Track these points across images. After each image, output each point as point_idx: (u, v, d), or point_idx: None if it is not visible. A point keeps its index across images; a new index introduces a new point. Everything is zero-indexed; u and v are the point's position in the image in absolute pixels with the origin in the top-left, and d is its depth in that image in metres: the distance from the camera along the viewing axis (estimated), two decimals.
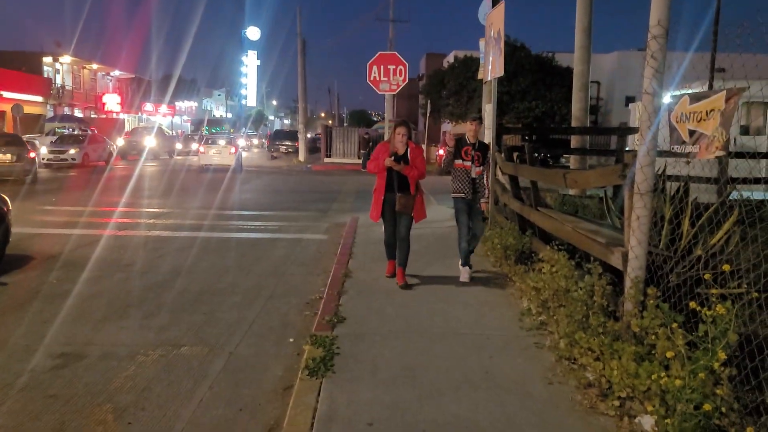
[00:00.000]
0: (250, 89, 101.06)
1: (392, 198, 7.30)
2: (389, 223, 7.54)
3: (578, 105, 15.06)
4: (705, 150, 4.26)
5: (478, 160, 7.66)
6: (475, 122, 7.74)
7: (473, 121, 7.74)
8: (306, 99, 41.17)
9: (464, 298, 6.88)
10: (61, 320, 6.29)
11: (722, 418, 3.24)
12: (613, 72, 42.42)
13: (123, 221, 12.80)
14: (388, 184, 7.31)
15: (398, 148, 7.26)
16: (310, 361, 4.94)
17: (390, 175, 7.28)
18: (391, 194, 7.31)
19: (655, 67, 4.42)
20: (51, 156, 27.71)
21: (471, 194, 7.67)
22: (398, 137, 7.23)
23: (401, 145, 7.25)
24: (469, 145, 7.68)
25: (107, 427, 4.14)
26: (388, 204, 7.39)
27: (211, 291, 7.47)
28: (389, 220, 7.52)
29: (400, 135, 7.22)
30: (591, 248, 5.64)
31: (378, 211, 7.43)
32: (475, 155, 7.65)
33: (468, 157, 7.65)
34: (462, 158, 7.69)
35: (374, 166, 7.36)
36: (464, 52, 37.36)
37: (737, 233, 4.98)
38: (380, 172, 7.36)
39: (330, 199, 17.74)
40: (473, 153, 7.64)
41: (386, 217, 7.49)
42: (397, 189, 7.25)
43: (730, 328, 3.38)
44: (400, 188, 7.26)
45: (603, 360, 4.39)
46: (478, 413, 4.16)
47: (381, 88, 12.26)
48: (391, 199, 7.34)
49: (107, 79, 60.31)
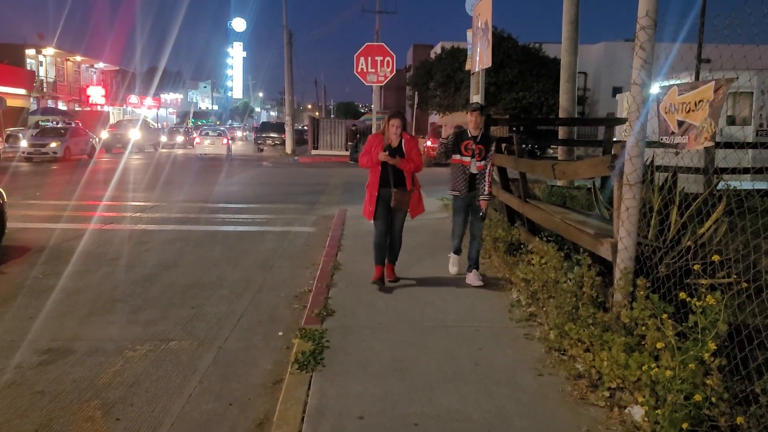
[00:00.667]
0: (236, 81, 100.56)
1: (387, 194, 6.84)
2: (382, 221, 6.97)
3: (566, 96, 15.06)
4: (694, 140, 4.27)
5: (479, 154, 7.00)
6: (476, 113, 7.00)
7: (473, 112, 7.02)
8: (292, 91, 41.09)
9: (454, 290, 6.88)
10: (47, 315, 6.23)
11: (712, 408, 3.25)
12: (600, 63, 42.54)
13: (109, 215, 12.69)
14: (383, 178, 6.84)
15: (392, 140, 6.81)
16: (300, 355, 4.92)
17: (384, 170, 6.83)
18: (386, 190, 6.83)
19: (643, 57, 4.42)
20: (32, 149, 27.34)
21: (467, 191, 7.09)
22: (392, 129, 6.77)
23: (396, 138, 6.81)
24: (470, 138, 7.02)
25: (95, 423, 4.10)
26: (382, 200, 6.88)
27: (199, 285, 7.43)
28: (382, 218, 6.96)
29: (395, 127, 6.76)
30: (580, 239, 5.65)
31: (372, 208, 6.91)
32: (477, 149, 6.98)
33: (468, 153, 7.01)
34: (461, 153, 7.05)
35: (367, 161, 6.90)
36: (451, 43, 37.36)
37: (725, 223, 5.00)
38: (374, 167, 6.91)
39: (317, 192, 17.68)
40: (474, 147, 6.99)
41: (379, 214, 6.93)
42: (393, 184, 6.80)
43: (719, 318, 3.39)
44: (396, 183, 6.81)
45: (593, 351, 4.40)
46: (468, 405, 4.16)
47: (368, 79, 12.21)
48: (386, 195, 6.86)
49: (91, 72, 59.72)
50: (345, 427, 3.87)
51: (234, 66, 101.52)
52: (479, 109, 7.07)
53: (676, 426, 3.21)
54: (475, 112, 7.01)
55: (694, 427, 3.23)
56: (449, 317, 5.97)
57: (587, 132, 35.64)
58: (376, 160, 6.79)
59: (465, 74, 25.02)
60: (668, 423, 3.24)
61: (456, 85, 34.30)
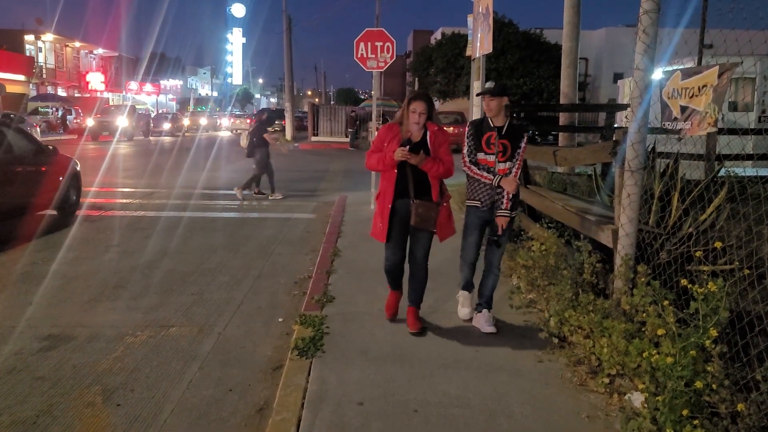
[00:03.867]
0: (235, 67, 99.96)
1: (405, 207, 4.98)
2: (396, 243, 5.15)
3: (567, 82, 15.00)
4: (697, 126, 4.24)
5: (503, 153, 5.07)
6: (495, 99, 5.03)
7: (492, 98, 5.03)
8: (292, 77, 40.89)
9: (455, 276, 6.87)
10: (48, 301, 6.22)
11: (713, 395, 3.25)
12: (601, 48, 42.38)
13: (107, 201, 12.67)
14: (399, 185, 4.99)
15: (414, 132, 4.96)
16: (300, 341, 4.92)
17: (402, 174, 4.96)
18: (404, 201, 4.98)
19: (646, 42, 4.38)
20: None
21: (490, 203, 5.15)
22: (414, 117, 4.88)
23: (418, 129, 4.94)
24: (493, 129, 5.11)
25: (96, 408, 4.10)
26: (398, 216, 5.03)
27: (200, 271, 7.42)
28: (397, 240, 5.13)
29: (417, 114, 4.87)
30: (581, 226, 5.64)
31: (385, 226, 5.04)
32: (500, 145, 5.06)
33: (491, 149, 5.09)
34: (484, 151, 5.13)
35: (377, 161, 5.04)
36: (452, 28, 37.25)
37: (727, 210, 4.99)
38: (387, 170, 5.02)
39: (318, 178, 17.65)
40: (497, 142, 5.07)
41: (394, 235, 5.10)
42: (414, 194, 4.96)
43: (721, 305, 3.37)
44: (418, 192, 4.96)
45: (593, 338, 4.40)
46: (469, 391, 4.16)
47: (368, 65, 12.11)
48: (403, 210, 5.00)
49: (90, 58, 59.48)
50: (345, 413, 3.87)
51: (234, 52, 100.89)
52: (501, 90, 5.09)
53: (676, 412, 3.20)
54: (495, 98, 5.04)
55: (694, 413, 3.22)
56: (449, 303, 5.96)
57: (588, 118, 35.58)
58: (390, 160, 4.90)
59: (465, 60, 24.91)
60: (668, 409, 3.23)
61: (456, 71, 34.24)
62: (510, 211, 5.10)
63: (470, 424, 3.75)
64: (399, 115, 5.08)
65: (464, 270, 5.51)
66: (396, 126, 5.04)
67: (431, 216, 4.92)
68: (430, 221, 4.93)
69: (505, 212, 5.08)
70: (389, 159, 4.90)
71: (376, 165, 5.05)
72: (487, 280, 5.40)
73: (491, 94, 5.02)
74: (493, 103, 5.03)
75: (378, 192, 5.19)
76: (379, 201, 5.15)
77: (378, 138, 5.12)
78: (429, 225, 4.94)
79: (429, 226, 4.94)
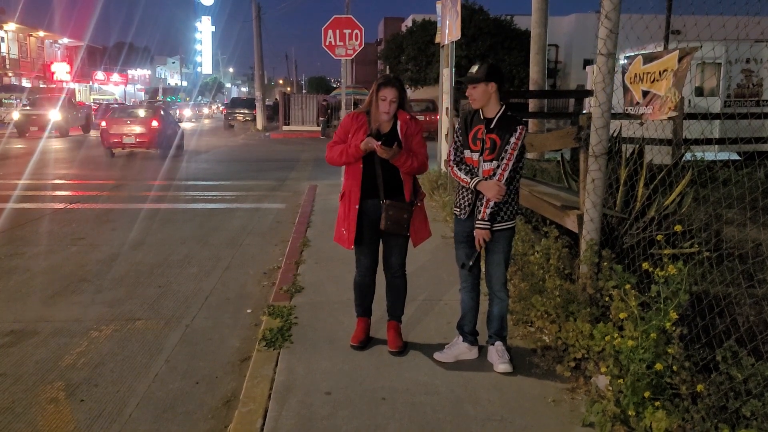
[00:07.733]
0: (205, 56, 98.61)
1: (375, 209, 4.38)
2: (367, 252, 4.55)
3: (536, 68, 15.08)
4: (658, 111, 4.28)
5: (489, 150, 4.12)
6: (479, 85, 4.10)
7: (475, 86, 4.11)
8: (263, 66, 40.48)
9: (421, 263, 6.86)
10: (10, 297, 6.10)
11: (674, 377, 3.29)
12: (571, 34, 42.53)
13: (72, 194, 12.46)
14: (366, 183, 4.37)
15: (383, 122, 4.34)
16: (268, 332, 4.88)
17: (370, 169, 4.35)
18: (373, 202, 4.38)
19: (609, 27, 4.39)
20: None
21: (469, 211, 4.25)
22: (384, 105, 4.25)
23: (388, 118, 4.32)
24: (481, 122, 4.21)
25: (59, 404, 4.04)
26: (367, 219, 4.42)
27: (167, 263, 7.33)
28: (368, 248, 4.54)
29: (387, 102, 4.24)
30: (547, 211, 5.67)
31: (352, 231, 4.41)
32: (488, 140, 4.13)
33: (477, 146, 4.20)
34: (470, 147, 4.25)
35: (340, 154, 4.38)
36: (422, 15, 37.14)
37: (690, 194, 5.05)
38: (352, 165, 4.41)
39: (288, 168, 17.54)
40: (485, 136, 4.15)
41: (363, 240, 4.49)
42: (384, 193, 4.37)
43: (681, 288, 3.42)
44: (389, 191, 4.36)
45: (559, 322, 4.43)
46: (436, 378, 4.17)
47: (337, 53, 12.03)
48: (372, 211, 4.39)
49: (56, 47, 58.22)
50: (312, 402, 3.85)
51: (203, 41, 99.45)
52: (484, 77, 4.09)
53: (639, 394, 3.25)
54: (479, 84, 4.10)
55: (656, 395, 3.27)
56: (417, 291, 5.92)
57: (559, 104, 35.80)
58: (356, 150, 4.28)
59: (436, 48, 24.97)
60: (630, 392, 3.27)
61: (428, 58, 34.18)
62: (488, 221, 4.13)
63: (438, 411, 3.76)
64: (366, 103, 4.40)
65: (463, 300, 4.55)
66: (362, 115, 4.39)
67: (404, 218, 4.34)
68: (403, 224, 4.35)
69: (482, 223, 4.12)
70: (354, 149, 4.28)
71: (338, 158, 4.38)
72: (491, 308, 4.42)
73: (469, 82, 4.13)
74: (476, 92, 4.12)
75: (342, 191, 4.55)
76: (343, 202, 4.50)
77: (341, 128, 4.46)
78: (402, 229, 4.36)
79: (402, 230, 4.37)
